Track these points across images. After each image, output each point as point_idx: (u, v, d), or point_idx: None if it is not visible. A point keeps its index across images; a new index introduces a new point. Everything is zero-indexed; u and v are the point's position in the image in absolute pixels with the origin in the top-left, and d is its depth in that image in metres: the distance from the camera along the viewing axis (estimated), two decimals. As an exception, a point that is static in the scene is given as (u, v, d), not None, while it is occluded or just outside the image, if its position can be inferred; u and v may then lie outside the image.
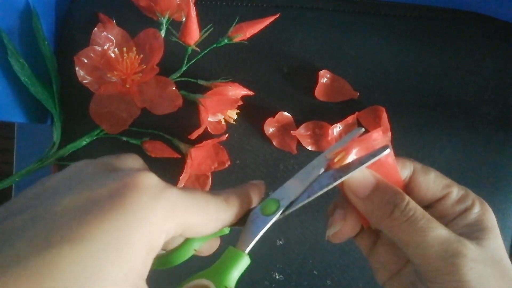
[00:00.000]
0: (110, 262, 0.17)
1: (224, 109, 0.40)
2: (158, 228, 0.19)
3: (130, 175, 0.20)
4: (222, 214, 0.24)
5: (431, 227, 0.23)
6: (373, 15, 0.43)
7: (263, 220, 0.25)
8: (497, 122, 0.42)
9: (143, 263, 0.19)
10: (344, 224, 0.26)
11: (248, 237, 0.24)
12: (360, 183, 0.25)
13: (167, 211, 0.20)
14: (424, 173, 0.26)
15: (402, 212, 0.23)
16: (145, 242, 0.18)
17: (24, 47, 0.39)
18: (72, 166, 0.22)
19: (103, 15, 0.40)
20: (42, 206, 0.18)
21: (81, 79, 0.37)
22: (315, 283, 0.43)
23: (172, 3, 0.39)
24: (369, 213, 0.25)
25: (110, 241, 0.17)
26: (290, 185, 0.26)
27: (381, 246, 0.27)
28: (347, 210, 0.26)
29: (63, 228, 0.17)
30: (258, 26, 0.38)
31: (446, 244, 0.22)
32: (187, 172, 0.39)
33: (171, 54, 0.38)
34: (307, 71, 0.42)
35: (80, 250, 0.16)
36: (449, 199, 0.25)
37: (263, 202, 0.26)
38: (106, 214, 0.17)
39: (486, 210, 0.25)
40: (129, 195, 0.19)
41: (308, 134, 0.42)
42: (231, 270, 0.23)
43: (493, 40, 0.43)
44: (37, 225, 0.17)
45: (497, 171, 0.42)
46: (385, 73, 0.42)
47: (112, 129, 0.39)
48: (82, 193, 0.19)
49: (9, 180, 0.39)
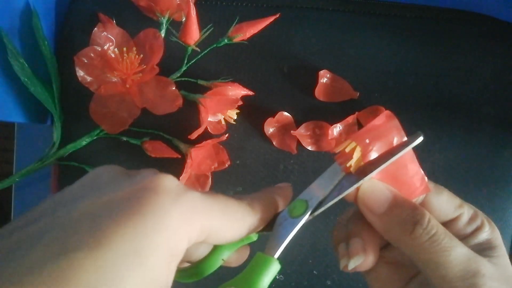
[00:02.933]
0: (130, 269, 0.16)
1: (224, 109, 0.40)
2: (179, 233, 0.18)
3: (148, 177, 0.19)
4: (247, 219, 0.22)
5: (453, 246, 0.22)
6: (373, 15, 0.43)
7: (292, 223, 0.24)
8: (497, 122, 0.42)
9: (166, 271, 0.18)
10: (366, 256, 0.24)
11: (276, 242, 0.23)
12: (375, 198, 0.23)
13: (188, 214, 0.19)
14: (437, 193, 0.25)
15: (424, 230, 0.22)
16: (166, 248, 0.17)
17: (24, 47, 0.39)
18: (90, 173, 0.21)
19: (103, 15, 0.40)
20: (59, 213, 0.18)
21: (81, 79, 0.37)
22: (315, 283, 0.43)
23: (172, 3, 0.39)
24: (386, 231, 0.24)
25: (128, 247, 0.16)
26: (317, 184, 0.25)
27: (382, 264, 0.26)
28: (366, 239, 0.24)
29: (79, 234, 0.16)
30: (258, 26, 0.38)
31: (467, 264, 0.22)
32: (187, 172, 0.39)
33: (171, 54, 0.38)
34: (307, 71, 0.42)
35: (96, 257, 0.15)
36: (461, 219, 0.25)
37: (291, 204, 0.25)
38: (124, 218, 0.17)
39: (494, 228, 0.25)
40: (148, 197, 0.18)
41: (308, 134, 0.42)
42: (261, 277, 0.21)
43: (493, 40, 0.43)
44: (53, 232, 0.16)
45: (497, 171, 0.42)
46: (385, 73, 0.42)
47: (112, 129, 0.39)
48: (99, 198, 0.18)
49: (9, 180, 0.39)
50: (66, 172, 0.42)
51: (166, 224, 0.18)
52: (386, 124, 0.24)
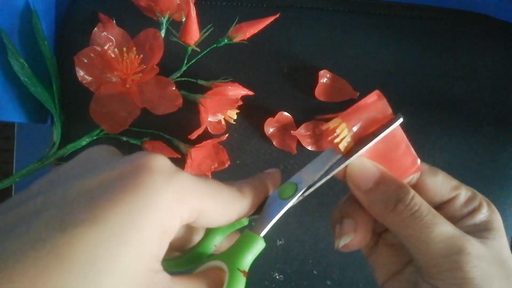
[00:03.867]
0: (124, 243, 0.17)
1: (224, 109, 0.40)
2: (171, 211, 0.19)
3: (142, 157, 0.19)
4: (237, 203, 0.23)
5: (436, 223, 0.23)
6: (373, 15, 0.43)
7: (280, 204, 0.24)
8: (497, 122, 0.42)
9: (158, 245, 0.18)
10: (355, 235, 0.25)
11: (264, 221, 0.24)
12: (362, 174, 0.24)
13: (180, 194, 0.19)
14: (432, 174, 0.25)
15: (406, 207, 0.23)
16: (159, 225, 0.18)
17: (24, 47, 0.39)
18: (85, 152, 0.22)
19: (103, 15, 0.40)
20: (56, 191, 0.18)
21: (81, 79, 0.37)
22: (315, 283, 0.43)
23: (172, 3, 0.39)
24: (371, 206, 0.25)
25: (123, 223, 0.17)
26: (308, 169, 0.25)
27: (382, 246, 0.27)
28: (358, 220, 0.25)
29: (76, 212, 0.17)
30: (258, 26, 0.38)
31: (450, 241, 0.22)
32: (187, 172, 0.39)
33: (171, 54, 0.38)
34: (307, 71, 0.42)
35: (93, 232, 0.16)
36: (458, 201, 0.25)
37: (281, 186, 0.25)
38: (118, 196, 0.17)
39: (493, 211, 0.25)
40: (141, 176, 0.18)
41: (308, 134, 0.42)
42: (246, 253, 0.22)
43: (493, 40, 0.43)
44: (51, 210, 0.17)
45: (498, 171, 0.42)
46: (385, 73, 0.42)
47: (112, 129, 0.39)
48: (95, 176, 0.18)
49: (9, 180, 0.39)
50: (66, 172, 0.42)
51: (159, 201, 0.18)
52: (374, 103, 0.25)
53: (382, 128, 0.24)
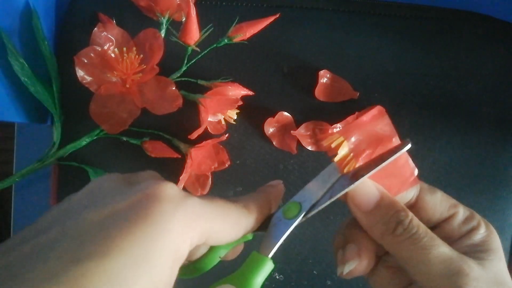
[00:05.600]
0: (138, 274, 0.17)
1: (224, 109, 0.40)
2: (182, 237, 0.19)
3: (150, 186, 0.20)
4: (244, 221, 0.24)
5: (434, 245, 0.23)
6: (373, 15, 0.43)
7: (286, 224, 0.25)
8: (497, 122, 0.42)
9: (169, 273, 0.19)
10: (360, 261, 0.25)
11: (271, 242, 0.24)
12: (363, 196, 0.25)
13: (189, 220, 0.20)
14: (430, 192, 0.26)
15: (405, 229, 0.23)
16: (170, 252, 0.19)
17: (24, 47, 0.39)
18: (93, 182, 0.22)
19: (103, 15, 0.40)
20: (68, 222, 0.18)
21: (81, 79, 0.37)
22: (315, 283, 0.43)
23: (172, 3, 0.39)
24: (371, 228, 0.25)
25: (136, 253, 0.17)
26: (311, 187, 0.26)
27: (382, 269, 0.27)
28: (361, 245, 0.25)
29: (89, 243, 0.17)
30: (258, 26, 0.38)
31: (448, 263, 0.22)
32: (187, 172, 0.39)
33: (171, 54, 0.38)
34: (307, 71, 0.42)
35: (106, 265, 0.16)
36: (456, 219, 0.25)
37: (285, 205, 0.26)
38: (130, 227, 0.18)
39: (491, 232, 0.25)
40: (151, 206, 0.19)
41: (308, 134, 0.42)
42: (255, 275, 0.23)
43: (493, 40, 0.43)
44: (64, 242, 0.17)
45: (497, 171, 0.42)
46: (385, 73, 0.42)
47: (112, 129, 0.39)
48: (105, 207, 0.19)
49: (9, 180, 0.39)
50: (66, 172, 0.42)
51: (170, 229, 0.19)
52: (376, 120, 0.25)
53: (389, 153, 0.24)
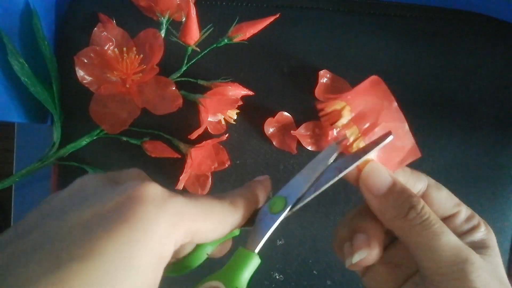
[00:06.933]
0: (121, 276, 0.17)
1: (224, 109, 0.40)
2: (166, 238, 0.19)
3: (133, 187, 0.20)
4: (230, 218, 0.23)
5: (443, 232, 0.23)
6: (373, 15, 0.43)
7: (271, 219, 0.25)
8: (497, 122, 0.42)
9: (153, 276, 0.19)
10: (370, 250, 0.25)
11: (257, 237, 0.24)
12: (376, 179, 0.25)
13: (173, 220, 0.20)
14: (437, 189, 0.26)
15: (418, 214, 0.24)
16: (154, 253, 0.18)
17: (24, 47, 0.39)
18: (76, 183, 0.22)
19: (103, 15, 0.40)
20: (50, 226, 0.18)
21: (81, 79, 0.37)
22: (315, 283, 0.43)
23: (172, 3, 0.39)
24: (383, 211, 0.25)
25: (119, 255, 0.17)
26: (296, 181, 0.26)
27: (378, 265, 0.26)
28: (371, 234, 0.25)
29: (71, 246, 0.17)
30: (258, 26, 0.38)
31: (457, 250, 0.23)
32: (187, 172, 0.39)
33: (171, 54, 0.38)
34: (307, 71, 0.42)
35: (89, 267, 0.16)
36: (459, 217, 0.26)
37: (271, 200, 0.26)
38: (113, 229, 0.17)
39: (489, 231, 0.26)
40: (134, 207, 0.19)
41: (308, 134, 0.42)
42: (242, 271, 0.23)
43: (493, 40, 0.43)
44: (46, 245, 0.17)
45: (497, 171, 0.42)
46: (385, 73, 0.42)
47: (112, 129, 0.39)
48: (88, 209, 0.19)
49: (9, 180, 0.39)
50: (66, 172, 0.42)
51: (153, 231, 0.18)
52: (373, 87, 0.25)
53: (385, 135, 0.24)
